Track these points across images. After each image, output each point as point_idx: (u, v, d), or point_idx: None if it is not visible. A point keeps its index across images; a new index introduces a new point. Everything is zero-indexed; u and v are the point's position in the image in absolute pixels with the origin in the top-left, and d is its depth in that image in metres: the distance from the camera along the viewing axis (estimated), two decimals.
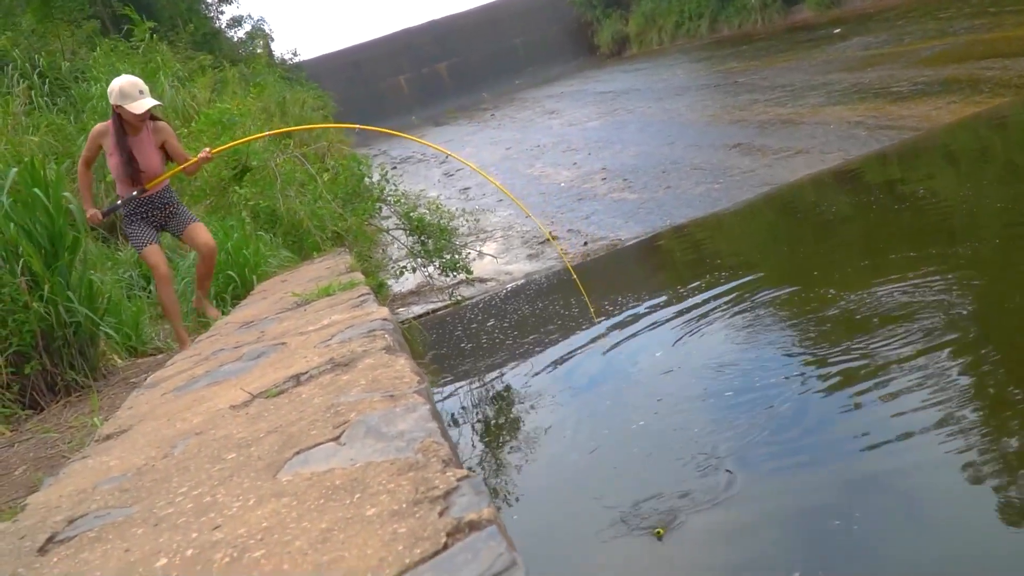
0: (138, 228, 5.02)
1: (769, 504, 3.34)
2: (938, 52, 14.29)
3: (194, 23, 21.03)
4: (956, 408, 3.62)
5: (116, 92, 4.75)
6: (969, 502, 3.02)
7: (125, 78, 4.85)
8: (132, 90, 4.76)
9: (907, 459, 3.39)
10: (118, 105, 4.74)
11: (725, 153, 11.95)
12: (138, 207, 5.00)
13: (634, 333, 5.96)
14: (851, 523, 3.04)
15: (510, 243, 10.62)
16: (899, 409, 3.74)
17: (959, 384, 3.84)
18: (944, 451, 3.33)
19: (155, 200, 5.06)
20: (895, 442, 3.51)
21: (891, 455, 3.41)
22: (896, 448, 3.45)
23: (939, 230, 6.29)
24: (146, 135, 4.93)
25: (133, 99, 4.74)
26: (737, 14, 33.35)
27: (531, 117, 25.18)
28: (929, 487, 3.20)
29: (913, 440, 3.49)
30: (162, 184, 5.08)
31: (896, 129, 10.25)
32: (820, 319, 5.16)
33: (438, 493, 1.31)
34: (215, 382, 2.95)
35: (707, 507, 3.41)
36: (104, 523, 1.74)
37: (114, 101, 4.76)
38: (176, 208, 5.20)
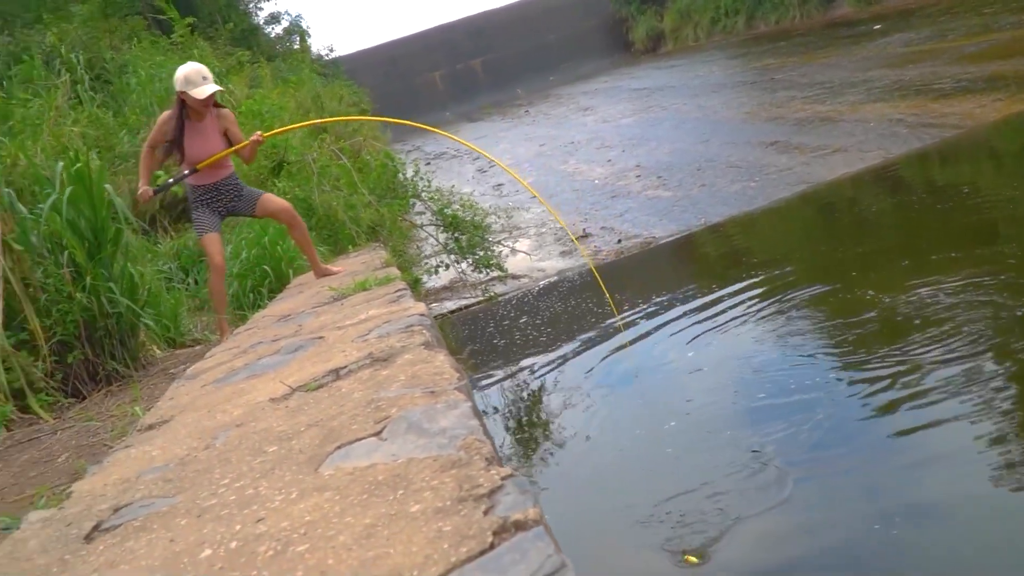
0: (203, 214, 5.17)
1: (813, 512, 3.30)
2: (982, 48, 14.04)
3: (233, 19, 21.20)
4: (995, 412, 3.56)
5: (181, 79, 4.93)
6: (1012, 510, 2.97)
7: (190, 65, 5.05)
8: (196, 76, 4.93)
9: (947, 465, 3.34)
10: (182, 91, 4.91)
11: (761, 151, 11.84)
12: (205, 194, 5.16)
13: (667, 332, 5.92)
14: (891, 527, 3.00)
15: (543, 240, 10.61)
16: (941, 415, 3.68)
17: (1000, 388, 3.77)
18: (981, 455, 3.28)
19: (221, 187, 5.20)
20: (936, 448, 3.46)
21: (933, 462, 3.36)
22: (938, 454, 3.40)
23: (983, 230, 6.18)
24: (210, 121, 5.10)
25: (197, 85, 4.91)
26: (775, 10, 32.98)
27: (565, 113, 25.11)
28: (967, 491, 3.15)
29: (952, 445, 3.44)
30: (226, 171, 5.23)
31: (938, 127, 10.08)
32: (858, 321, 5.09)
33: (482, 491, 1.30)
34: (254, 375, 2.97)
35: (739, 512, 3.38)
36: (149, 512, 1.76)
37: (179, 88, 4.93)
38: (241, 191, 5.34)
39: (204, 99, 4.91)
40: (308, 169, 8.35)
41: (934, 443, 3.49)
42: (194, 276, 7.55)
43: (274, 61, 19.69)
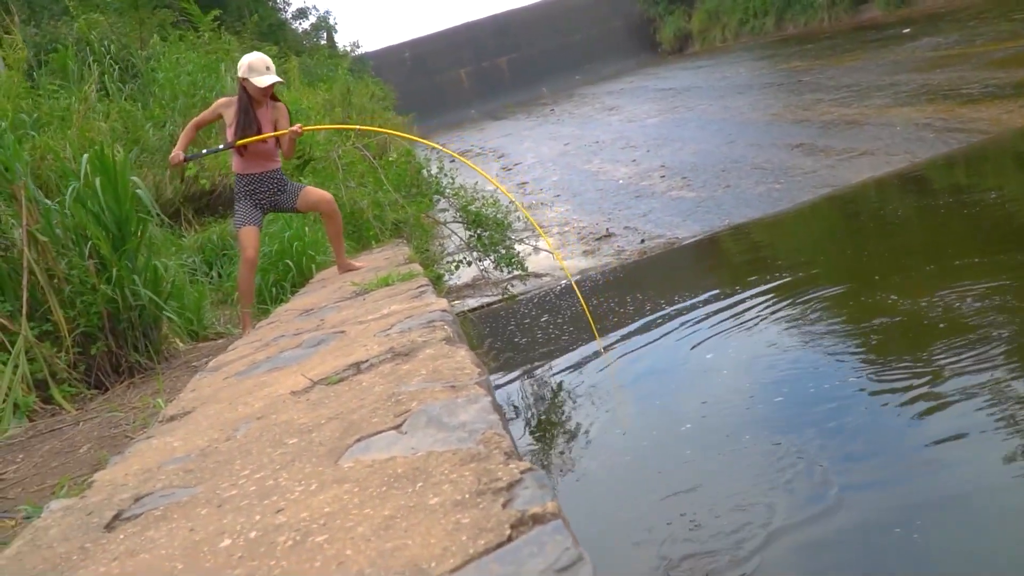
0: (244, 206, 5.28)
1: (839, 520, 3.27)
2: (1011, 54, 13.89)
3: (259, 13, 21.34)
4: (1013, 415, 3.52)
5: (245, 66, 5.13)
6: None
7: (255, 54, 5.29)
8: (260, 65, 5.14)
9: (970, 470, 3.30)
10: (244, 78, 5.10)
11: (787, 153, 11.77)
12: (250, 184, 5.27)
13: (688, 333, 5.90)
14: (912, 532, 2.98)
15: (566, 239, 10.60)
16: (963, 422, 3.64)
17: (1016, 389, 3.73)
18: (1009, 460, 3.24)
19: (267, 178, 5.31)
20: (958, 454, 3.43)
21: (954, 466, 3.33)
22: (959, 459, 3.37)
23: (1009, 236, 6.12)
24: (265, 112, 5.24)
25: (259, 73, 5.11)
26: (803, 12, 32.80)
27: (590, 113, 25.08)
28: (987, 496, 3.12)
29: (974, 452, 3.40)
30: (275, 164, 5.35)
31: (966, 132, 9.99)
32: (882, 325, 5.05)
33: (501, 485, 1.30)
34: (276, 368, 2.98)
35: (761, 519, 3.37)
36: (169, 502, 1.77)
37: (241, 74, 5.13)
38: (286, 185, 5.44)
39: (264, 88, 5.08)
40: (333, 166, 8.39)
41: (958, 449, 3.46)
42: (217, 269, 7.60)
43: (301, 56, 19.78)
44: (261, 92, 5.11)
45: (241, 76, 5.11)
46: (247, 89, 5.10)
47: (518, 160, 18.99)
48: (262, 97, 5.15)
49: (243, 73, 5.09)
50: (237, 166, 5.26)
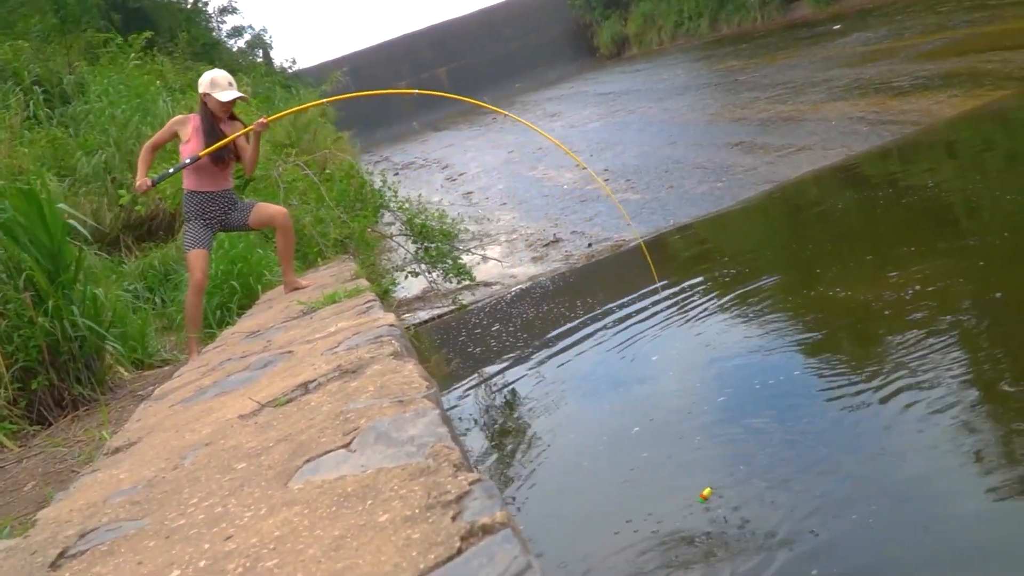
0: (194, 227, 5.17)
1: (775, 506, 3.32)
2: (938, 46, 14.27)
3: (191, 32, 21.03)
4: (958, 399, 3.60)
5: (207, 81, 5.09)
6: (981, 499, 3.00)
7: (217, 71, 5.26)
8: (222, 81, 5.11)
9: (919, 458, 3.37)
10: (206, 93, 5.06)
11: (727, 151, 11.94)
12: (201, 203, 5.17)
13: (635, 334, 5.94)
14: (865, 522, 3.03)
15: (514, 246, 10.62)
16: (910, 412, 3.71)
17: (959, 372, 3.82)
18: (943, 443, 3.31)
19: (217, 197, 5.22)
20: (905, 442, 3.49)
21: (903, 456, 3.39)
22: (907, 449, 3.43)
23: (944, 224, 6.27)
24: (226, 129, 5.17)
25: (222, 88, 5.08)
26: (736, 12, 33.33)
27: (532, 120, 25.15)
28: (936, 485, 3.18)
29: (923, 440, 3.47)
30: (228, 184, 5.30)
31: (898, 124, 10.23)
32: (826, 318, 5.14)
33: (450, 497, 1.30)
34: (223, 392, 2.94)
35: (706, 514, 3.40)
36: (116, 536, 1.73)
37: (203, 89, 5.09)
38: (236, 203, 5.36)
39: (225, 104, 5.05)
40: (274, 185, 8.29)
41: (905, 438, 3.52)
42: (160, 295, 7.47)
43: (235, 75, 19.58)
44: (222, 107, 5.07)
45: (203, 91, 5.07)
46: (208, 105, 5.07)
47: (462, 170, 19.00)
48: (223, 113, 5.11)
49: (205, 88, 5.06)
50: (190, 183, 5.16)
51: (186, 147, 5.08)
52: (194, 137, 5.07)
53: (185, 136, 5.08)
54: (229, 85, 5.11)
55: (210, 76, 5.13)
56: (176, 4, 24.92)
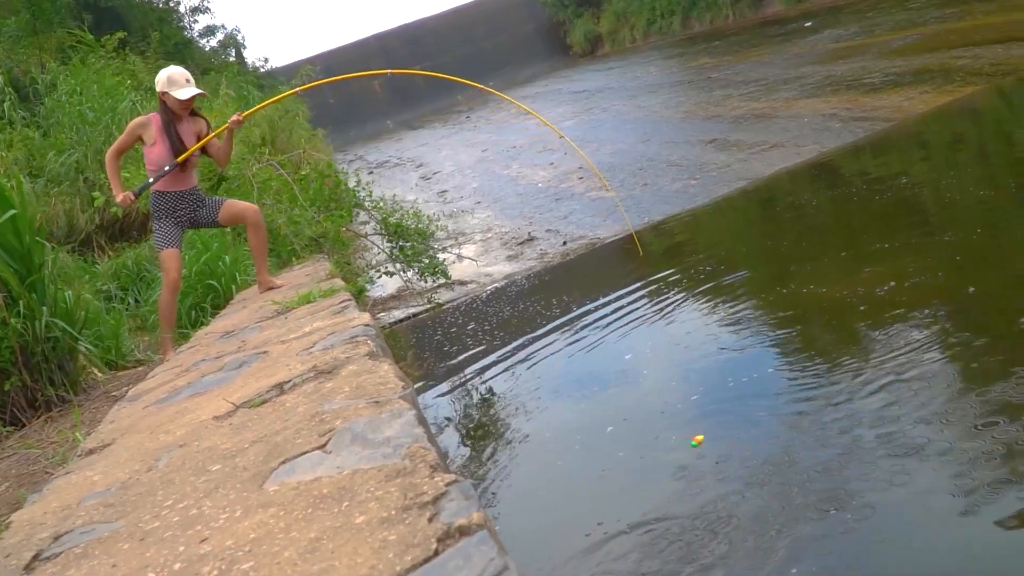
0: (165, 226, 5.11)
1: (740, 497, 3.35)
2: (909, 42, 14.41)
3: (162, 31, 20.84)
4: (932, 395, 3.65)
5: (164, 80, 4.97)
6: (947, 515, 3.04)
7: (173, 68, 5.13)
8: (179, 78, 4.99)
9: (893, 457, 3.40)
10: (164, 92, 4.94)
11: (701, 149, 12.00)
12: (170, 201, 5.11)
13: (612, 332, 5.97)
14: (842, 524, 3.06)
15: (489, 245, 10.62)
16: (886, 411, 3.75)
17: (933, 369, 3.87)
18: (912, 448, 3.35)
19: (186, 196, 5.17)
20: (881, 442, 3.53)
21: (878, 456, 3.42)
22: (882, 448, 3.47)
23: (917, 220, 6.34)
24: (186, 125, 5.10)
25: (179, 86, 4.96)
26: (708, 9, 33.53)
27: (506, 118, 25.17)
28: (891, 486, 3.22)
29: (897, 439, 3.51)
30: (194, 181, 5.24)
31: (870, 120, 10.32)
32: (801, 315, 5.19)
33: (427, 499, 1.30)
34: (197, 393, 2.93)
35: (680, 506, 3.42)
36: (90, 539, 1.72)
37: (161, 88, 4.96)
38: (203, 200, 5.30)
39: (184, 101, 4.95)
40: (248, 184, 8.24)
41: (881, 438, 3.56)
42: (134, 295, 7.41)
43: (208, 75, 19.39)
44: (182, 105, 4.98)
45: (160, 90, 4.96)
46: (167, 103, 4.97)
47: (437, 168, 18.97)
48: (182, 111, 5.01)
49: (162, 87, 4.95)
50: (157, 184, 5.08)
51: (152, 150, 5.00)
52: (159, 139, 4.98)
53: (150, 139, 4.99)
54: (187, 82, 5.00)
55: (166, 74, 5.00)
56: (148, 4, 24.68)
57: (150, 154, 5.02)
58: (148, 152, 5.04)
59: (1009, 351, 3.85)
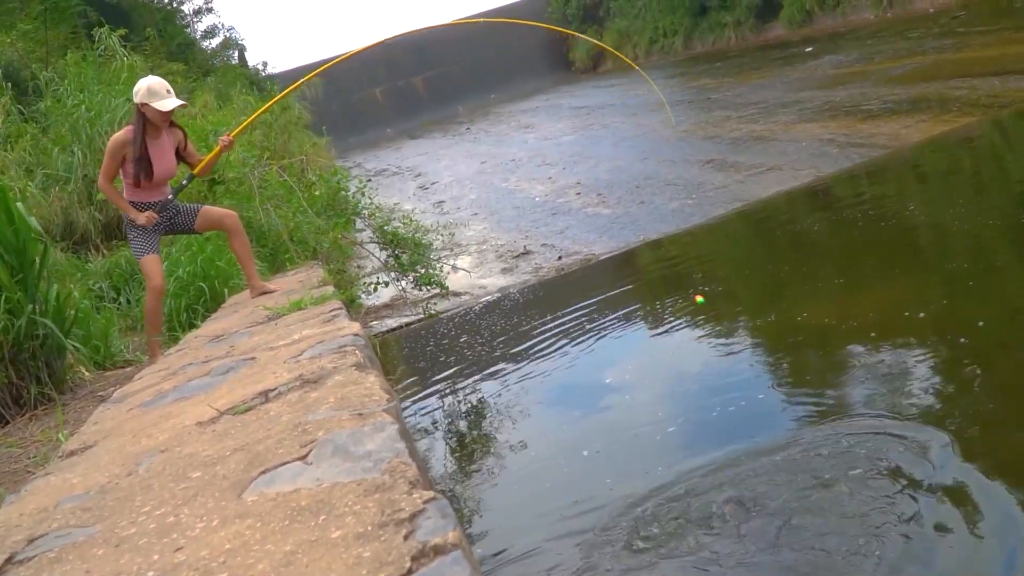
0: (142, 234, 5.03)
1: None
2: (908, 71, 14.48)
3: (167, 31, 20.88)
4: (919, 420, 3.65)
5: (144, 90, 4.82)
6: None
7: (152, 78, 4.97)
8: (160, 89, 4.84)
9: (884, 482, 3.40)
10: (144, 103, 4.79)
11: (698, 169, 12.03)
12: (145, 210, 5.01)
13: (603, 351, 5.97)
14: (829, 548, 3.05)
15: (484, 257, 10.62)
16: (874, 439, 3.74)
17: (921, 396, 3.87)
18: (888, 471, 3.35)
19: (160, 205, 5.09)
20: (869, 470, 3.52)
21: (867, 484, 3.42)
22: (871, 476, 3.46)
23: (911, 248, 6.36)
24: (165, 137, 4.99)
25: (161, 97, 4.81)
26: (711, 31, 33.66)
27: (506, 131, 25.24)
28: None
29: (887, 465, 3.50)
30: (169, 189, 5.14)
31: (867, 147, 10.36)
32: (793, 341, 5.19)
33: (404, 516, 1.29)
34: (183, 397, 2.91)
35: (674, 534, 3.41)
36: (65, 543, 1.71)
37: (140, 99, 4.81)
38: (179, 206, 5.23)
39: (165, 112, 4.83)
40: (250, 188, 8.21)
41: (869, 466, 3.55)
42: (126, 295, 7.39)
43: (208, 76, 19.43)
44: (163, 117, 4.85)
45: (140, 101, 4.81)
46: (146, 115, 4.83)
47: (435, 179, 18.99)
48: (162, 122, 4.89)
49: (142, 98, 4.80)
50: (133, 194, 4.98)
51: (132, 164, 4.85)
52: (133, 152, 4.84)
53: (132, 154, 4.85)
54: (167, 92, 4.86)
55: (146, 84, 4.85)
56: (153, 3, 24.74)
57: (130, 169, 4.89)
58: (129, 167, 4.90)
59: (1001, 386, 3.85)
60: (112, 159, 4.88)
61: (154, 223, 5.04)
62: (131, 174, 4.90)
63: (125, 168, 4.93)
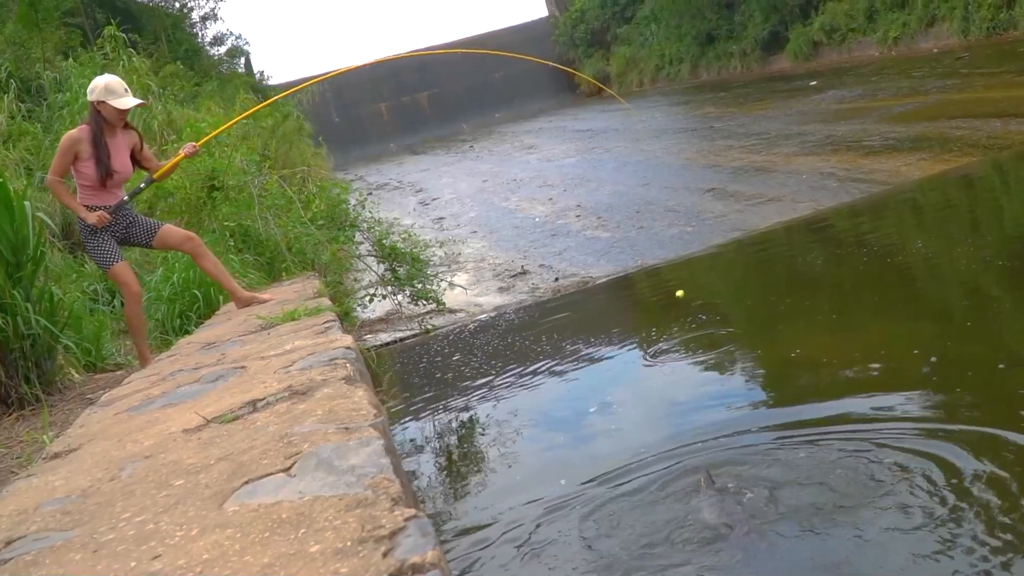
0: (104, 242, 4.89)
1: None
2: (910, 109, 14.56)
3: (175, 37, 20.98)
4: (905, 459, 3.64)
5: (100, 88, 4.72)
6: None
7: (109, 76, 4.88)
8: (118, 87, 4.76)
9: (873, 514, 3.38)
10: (100, 101, 4.70)
11: (699, 196, 12.06)
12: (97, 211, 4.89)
13: (596, 374, 5.97)
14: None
15: (481, 275, 10.62)
16: (868, 474, 3.72)
17: (909, 434, 3.86)
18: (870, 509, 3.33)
19: (119, 209, 4.97)
20: (862, 506, 3.50)
21: (861, 521, 3.40)
22: (866, 510, 3.45)
23: (907, 285, 6.37)
24: (120, 138, 4.90)
25: (119, 96, 4.74)
26: (717, 60, 33.92)
27: (509, 151, 25.33)
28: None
29: (876, 499, 3.49)
30: (123, 194, 5.03)
31: (867, 182, 10.39)
32: (787, 373, 5.18)
33: (384, 533, 1.28)
34: (170, 404, 2.90)
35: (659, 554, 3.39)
36: (43, 547, 1.69)
37: (97, 97, 4.72)
38: (135, 217, 5.11)
39: (122, 112, 4.77)
40: (249, 195, 8.20)
41: (862, 500, 3.54)
42: (120, 298, 7.37)
43: (211, 81, 19.51)
44: (119, 116, 4.78)
45: (96, 99, 4.71)
46: (102, 113, 4.74)
47: (436, 195, 19.03)
48: (118, 122, 4.81)
49: (99, 96, 4.70)
50: (89, 198, 4.84)
51: (88, 164, 4.75)
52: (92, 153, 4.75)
53: (85, 154, 4.74)
54: (125, 91, 4.80)
55: (103, 81, 4.77)
56: (162, 8, 24.88)
57: (85, 169, 4.78)
58: (83, 168, 4.78)
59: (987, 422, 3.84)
60: (64, 156, 4.75)
61: (109, 227, 4.91)
62: (90, 176, 4.78)
63: (80, 169, 4.80)
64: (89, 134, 4.75)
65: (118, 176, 4.88)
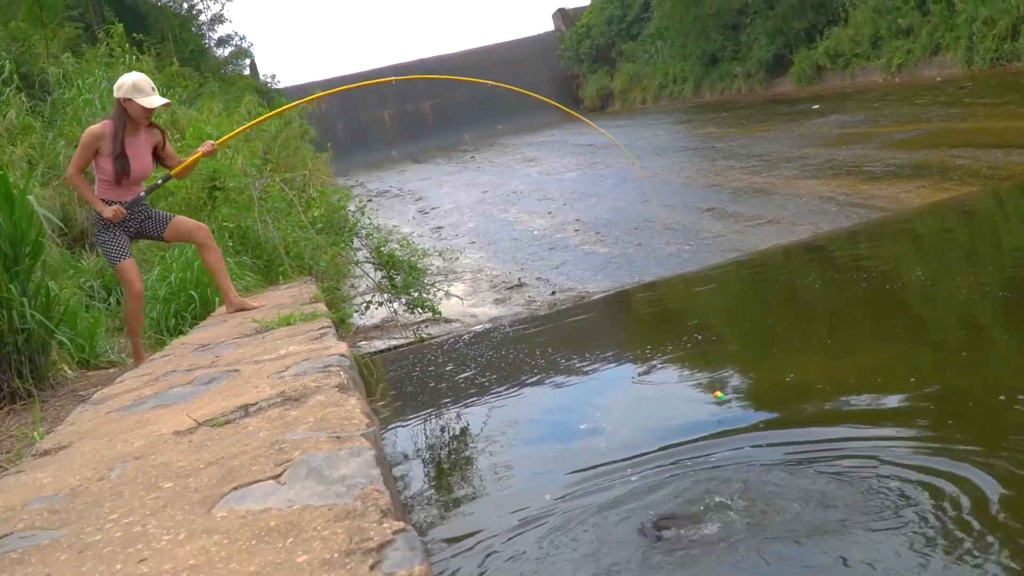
0: (115, 237, 4.93)
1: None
2: (911, 137, 14.60)
3: (182, 37, 21.04)
4: (904, 489, 3.63)
5: (128, 85, 4.77)
6: None
7: (137, 74, 4.91)
8: (146, 85, 4.81)
9: (870, 541, 3.38)
10: (127, 99, 4.74)
11: (698, 215, 12.08)
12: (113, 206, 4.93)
13: (588, 389, 5.96)
14: None
15: (478, 286, 10.62)
16: (862, 498, 3.72)
17: (903, 462, 3.86)
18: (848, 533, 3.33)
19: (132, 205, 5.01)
20: (853, 528, 3.50)
21: (853, 540, 3.40)
22: (856, 532, 3.44)
23: (903, 313, 6.37)
24: (143, 136, 4.94)
25: (146, 94, 4.78)
26: (721, 80, 34.03)
27: (510, 163, 25.36)
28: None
29: (871, 528, 3.48)
30: (141, 189, 5.07)
31: (866, 208, 10.41)
32: (783, 396, 5.17)
33: (372, 545, 1.28)
34: (162, 405, 2.89)
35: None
36: (28, 545, 1.69)
37: (124, 94, 4.76)
38: (149, 211, 5.15)
39: (149, 110, 4.81)
40: (249, 197, 8.21)
41: (853, 524, 3.53)
42: (116, 296, 7.37)
43: (214, 82, 19.55)
44: (145, 114, 4.84)
45: (123, 96, 4.77)
46: (128, 111, 4.80)
47: (436, 204, 19.05)
48: (144, 120, 4.87)
49: (126, 93, 4.76)
50: (106, 192, 4.89)
51: (107, 160, 4.79)
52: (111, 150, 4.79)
53: (106, 149, 4.79)
54: (152, 90, 4.84)
55: (131, 79, 4.81)
56: (171, 9, 24.96)
57: (104, 165, 4.83)
58: (102, 163, 4.83)
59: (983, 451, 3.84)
60: (85, 150, 4.81)
61: (124, 222, 4.95)
62: (109, 172, 4.83)
63: (100, 164, 4.85)
64: (112, 130, 4.79)
65: (136, 174, 4.94)
